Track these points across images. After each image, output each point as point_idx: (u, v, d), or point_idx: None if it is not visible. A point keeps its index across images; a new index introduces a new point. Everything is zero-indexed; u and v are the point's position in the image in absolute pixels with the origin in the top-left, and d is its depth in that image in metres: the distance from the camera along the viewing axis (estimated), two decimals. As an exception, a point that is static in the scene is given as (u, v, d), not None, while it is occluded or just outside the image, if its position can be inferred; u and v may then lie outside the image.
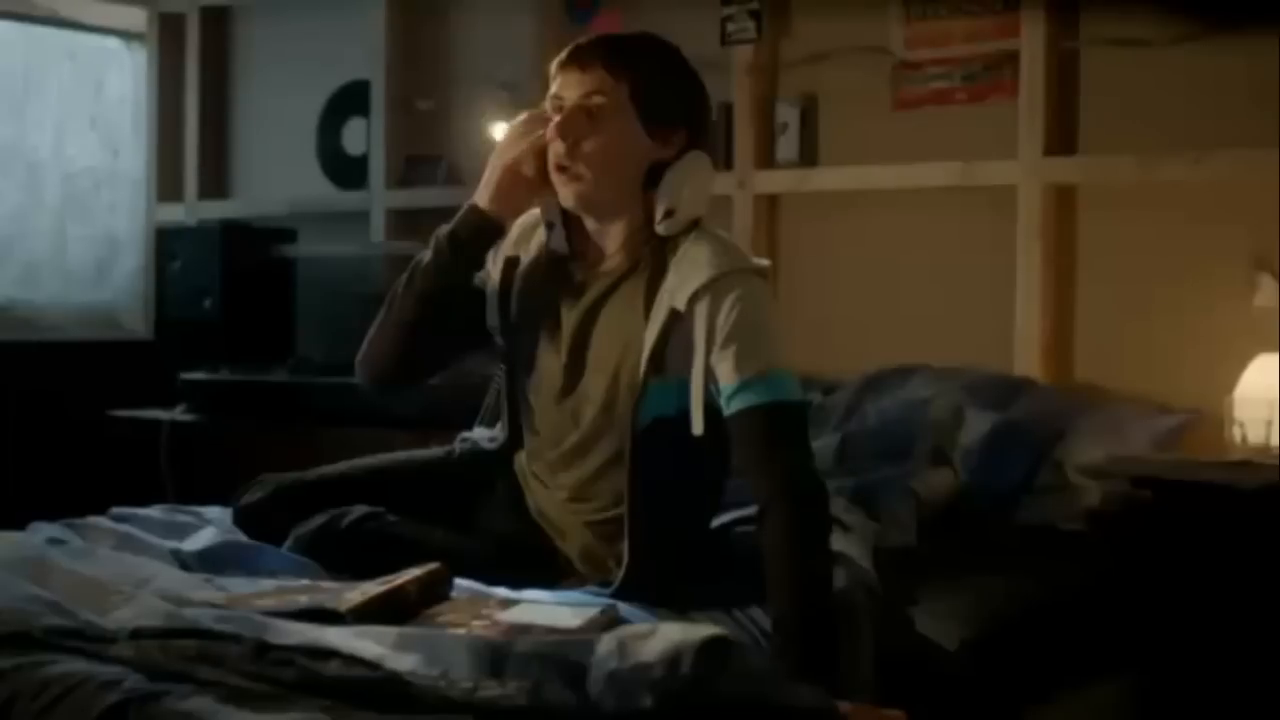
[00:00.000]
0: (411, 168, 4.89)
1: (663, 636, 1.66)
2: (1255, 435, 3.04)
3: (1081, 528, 3.08)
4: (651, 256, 2.19)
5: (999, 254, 3.64)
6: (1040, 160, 3.56)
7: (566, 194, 2.19)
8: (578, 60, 2.16)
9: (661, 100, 2.17)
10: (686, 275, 2.12)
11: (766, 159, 4.05)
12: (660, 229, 2.18)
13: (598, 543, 2.27)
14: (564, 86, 2.17)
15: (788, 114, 4.00)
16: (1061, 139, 3.59)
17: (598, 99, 2.13)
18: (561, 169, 2.17)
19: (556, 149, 2.16)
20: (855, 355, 3.79)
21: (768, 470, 2.05)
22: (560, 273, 2.28)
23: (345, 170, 5.11)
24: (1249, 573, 2.82)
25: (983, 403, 3.29)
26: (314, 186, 5.18)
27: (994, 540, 2.97)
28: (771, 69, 4.07)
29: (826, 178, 3.96)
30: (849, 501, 2.59)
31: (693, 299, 2.10)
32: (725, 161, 4.08)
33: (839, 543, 2.32)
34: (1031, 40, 3.58)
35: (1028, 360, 3.57)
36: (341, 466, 2.49)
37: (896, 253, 3.89)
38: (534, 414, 2.30)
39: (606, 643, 1.67)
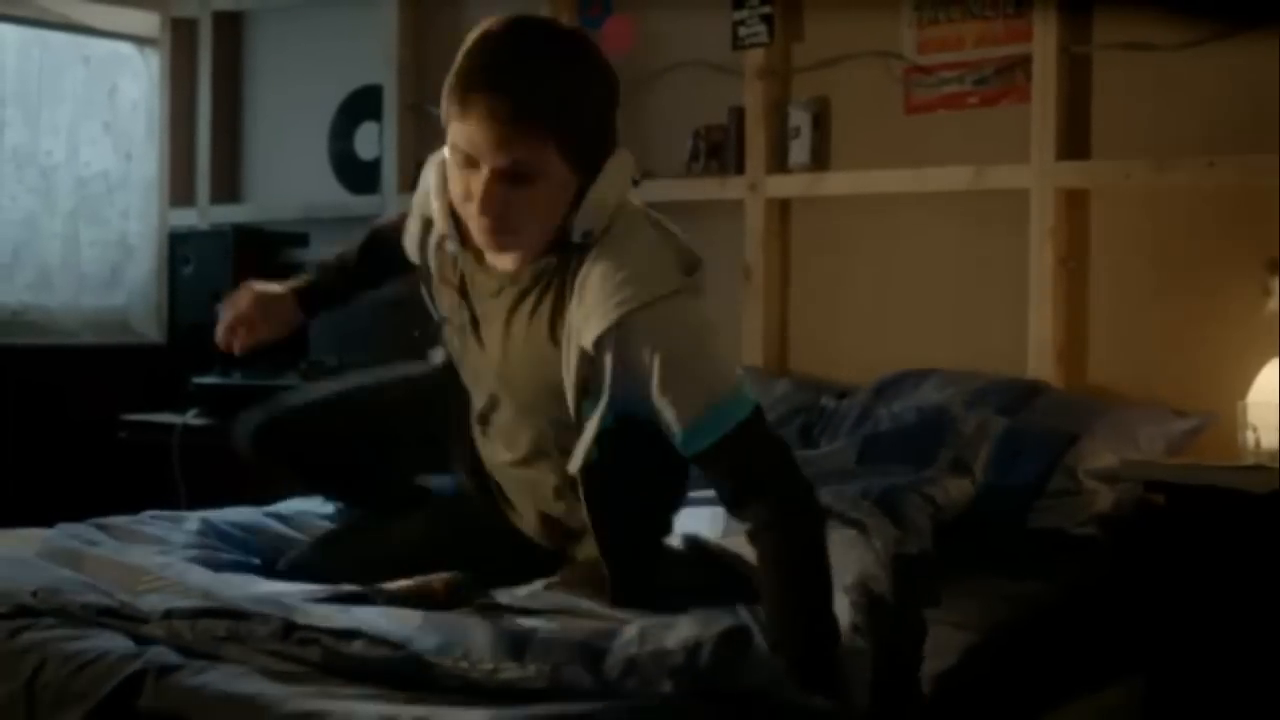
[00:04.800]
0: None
1: (684, 626, 1.70)
2: (1268, 440, 3.03)
3: (1093, 532, 3.07)
4: (557, 264, 2.02)
5: (1011, 258, 3.63)
6: (1052, 164, 3.56)
7: (495, 249, 2.03)
8: (493, 116, 1.85)
9: (590, 143, 1.95)
10: (590, 311, 1.93)
11: (778, 163, 4.05)
12: (576, 238, 1.99)
13: (553, 520, 2.26)
14: (475, 143, 1.88)
15: (800, 118, 4.00)
16: (1073, 143, 3.59)
17: (523, 168, 1.89)
18: (490, 231, 1.96)
19: (482, 223, 1.95)
20: (867, 359, 3.79)
21: (754, 495, 1.95)
22: (464, 268, 2.15)
23: (357, 174, 5.12)
24: (1262, 578, 2.81)
25: (995, 407, 3.29)
26: (326, 191, 5.19)
27: (1005, 544, 2.97)
28: (783, 73, 4.07)
29: (838, 182, 3.96)
30: (873, 505, 2.59)
31: (599, 343, 1.93)
32: (737, 165, 4.09)
33: (858, 544, 2.33)
34: (1043, 44, 3.57)
35: (1040, 364, 3.56)
36: (337, 388, 2.49)
37: (908, 256, 3.89)
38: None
39: (628, 630, 1.73)
